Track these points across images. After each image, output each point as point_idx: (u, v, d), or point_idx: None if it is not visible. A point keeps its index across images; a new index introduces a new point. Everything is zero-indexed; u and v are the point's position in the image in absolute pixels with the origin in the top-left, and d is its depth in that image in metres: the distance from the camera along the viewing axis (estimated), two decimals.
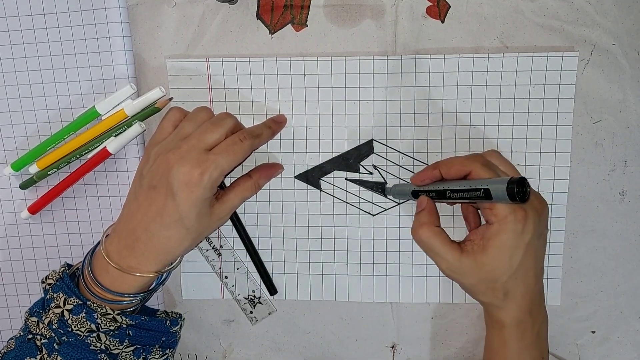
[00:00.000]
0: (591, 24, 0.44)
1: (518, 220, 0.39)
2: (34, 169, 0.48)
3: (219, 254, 0.50)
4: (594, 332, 0.49)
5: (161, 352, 0.45)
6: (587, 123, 0.46)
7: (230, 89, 0.47)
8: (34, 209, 0.49)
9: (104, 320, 0.41)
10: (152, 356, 0.44)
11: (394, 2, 0.45)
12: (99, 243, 0.44)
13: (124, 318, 0.42)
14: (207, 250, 0.50)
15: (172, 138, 0.42)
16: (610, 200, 0.47)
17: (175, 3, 0.47)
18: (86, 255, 0.44)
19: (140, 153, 0.48)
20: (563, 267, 0.48)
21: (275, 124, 0.46)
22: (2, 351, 0.43)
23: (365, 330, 0.51)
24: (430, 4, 0.45)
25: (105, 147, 0.46)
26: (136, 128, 0.46)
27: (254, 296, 0.51)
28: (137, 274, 0.41)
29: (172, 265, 0.44)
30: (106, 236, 0.44)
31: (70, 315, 0.41)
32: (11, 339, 0.44)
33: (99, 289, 0.42)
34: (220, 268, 0.50)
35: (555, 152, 0.46)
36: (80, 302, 0.41)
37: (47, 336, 0.41)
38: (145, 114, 0.46)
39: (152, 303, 0.50)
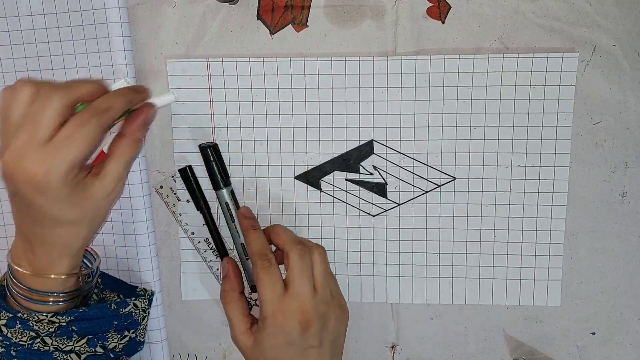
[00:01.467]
0: (592, 25, 0.44)
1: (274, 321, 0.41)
2: None
3: (217, 255, 0.50)
4: (594, 333, 0.49)
5: (119, 336, 0.44)
6: (587, 124, 0.46)
7: (231, 89, 0.47)
8: None
9: (41, 326, 0.40)
10: (109, 342, 0.43)
11: (395, 3, 0.45)
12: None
13: (59, 317, 0.41)
14: (205, 251, 0.50)
15: (3, 133, 0.35)
16: (611, 201, 0.47)
17: (175, 3, 0.47)
18: (8, 267, 0.42)
19: (140, 153, 0.48)
20: (563, 268, 0.48)
21: (133, 92, 0.39)
22: None
23: (365, 331, 0.51)
24: (431, 4, 0.45)
25: (103, 150, 0.46)
26: None
27: (251, 298, 0.51)
28: (52, 276, 0.39)
29: (93, 264, 0.44)
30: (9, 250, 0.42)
31: (8, 329, 0.41)
32: None
33: (27, 293, 0.40)
34: (217, 269, 0.50)
35: (555, 153, 0.46)
36: (11, 315, 0.40)
37: (1, 344, 0.41)
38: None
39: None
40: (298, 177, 0.49)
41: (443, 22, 0.45)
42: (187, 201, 0.49)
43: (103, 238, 0.50)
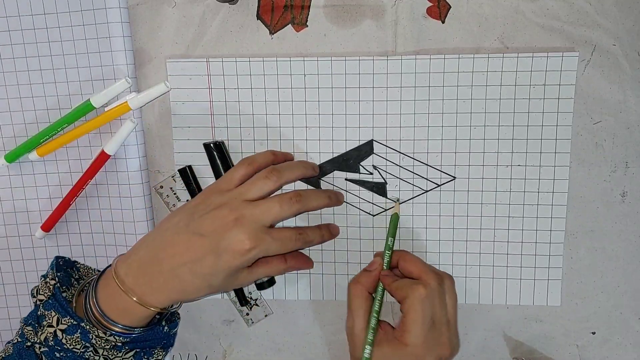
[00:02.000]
0: (592, 25, 0.44)
1: (413, 354, 0.41)
2: (33, 156, 0.48)
3: None
4: (594, 333, 0.49)
5: (164, 352, 0.45)
6: (587, 123, 0.46)
7: (230, 89, 0.48)
8: (46, 227, 0.49)
9: (99, 341, 0.41)
10: (154, 357, 0.44)
11: (394, 3, 0.45)
12: (108, 267, 0.44)
13: (116, 337, 0.42)
14: None
15: (237, 197, 0.42)
16: (611, 201, 0.47)
17: (175, 3, 0.47)
18: (92, 280, 0.44)
19: (140, 153, 0.48)
20: (563, 268, 0.48)
21: (329, 234, 0.47)
22: (0, 355, 0.43)
23: None
24: (431, 4, 0.45)
25: (103, 150, 0.47)
26: (128, 125, 0.46)
27: (251, 298, 0.51)
28: (140, 305, 0.41)
29: (174, 306, 0.44)
30: (118, 263, 0.43)
31: (64, 335, 0.41)
32: (8, 343, 0.43)
33: (100, 318, 0.42)
34: None
35: (555, 153, 0.46)
36: (74, 323, 0.41)
37: (46, 345, 0.41)
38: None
39: None
40: None
41: (443, 22, 0.45)
42: (187, 201, 0.49)
43: (104, 238, 0.50)
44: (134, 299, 0.41)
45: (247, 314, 0.51)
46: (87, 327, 0.41)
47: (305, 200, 0.43)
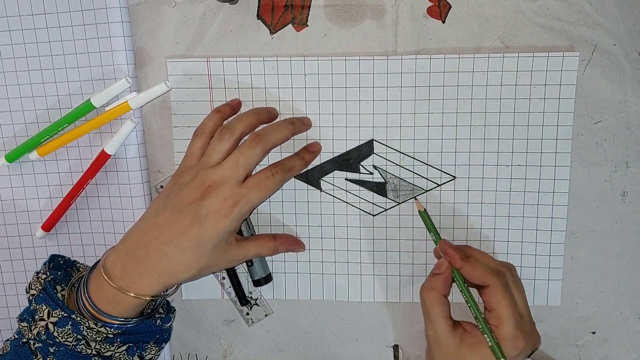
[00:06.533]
0: (592, 25, 0.44)
1: (515, 348, 0.41)
2: (34, 156, 0.48)
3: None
4: (594, 332, 0.49)
5: (157, 347, 0.45)
6: (587, 123, 0.46)
7: (231, 89, 0.48)
8: (47, 226, 0.49)
9: (90, 332, 0.41)
10: (147, 353, 0.44)
11: (395, 2, 0.45)
12: (98, 262, 0.44)
13: (107, 328, 0.42)
14: None
15: (202, 167, 0.42)
16: (611, 201, 0.47)
17: (175, 3, 0.47)
18: (84, 275, 0.44)
19: (140, 153, 0.48)
20: (563, 268, 0.48)
21: (309, 154, 0.46)
22: None
23: (366, 330, 0.51)
24: (431, 4, 0.45)
25: (103, 149, 0.47)
26: (129, 124, 0.46)
27: (251, 297, 0.51)
28: (132, 294, 0.41)
29: (168, 292, 0.44)
30: (106, 255, 0.43)
31: (56, 327, 0.41)
32: (7, 341, 0.44)
33: (91, 309, 0.42)
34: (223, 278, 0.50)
35: (556, 153, 0.46)
36: (65, 315, 0.41)
37: (40, 340, 0.41)
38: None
39: None
40: (298, 177, 0.49)
41: (443, 22, 0.45)
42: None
43: (104, 238, 0.50)
44: (131, 293, 0.41)
45: (247, 314, 0.51)
46: (78, 318, 0.41)
47: (266, 137, 0.43)
